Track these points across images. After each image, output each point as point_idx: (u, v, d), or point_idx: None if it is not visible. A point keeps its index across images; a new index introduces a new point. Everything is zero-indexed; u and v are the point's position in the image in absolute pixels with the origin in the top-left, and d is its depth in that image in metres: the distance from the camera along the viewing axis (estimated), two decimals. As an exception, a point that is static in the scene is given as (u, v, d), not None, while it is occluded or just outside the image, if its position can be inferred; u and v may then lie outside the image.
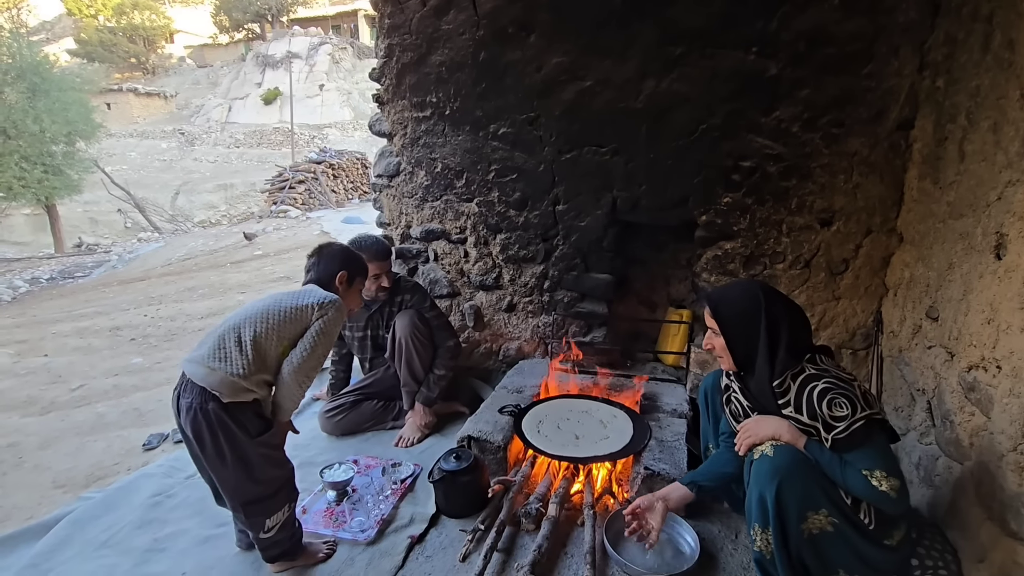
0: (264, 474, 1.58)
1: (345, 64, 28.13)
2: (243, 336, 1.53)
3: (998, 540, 1.32)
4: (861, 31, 2.03)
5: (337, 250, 1.86)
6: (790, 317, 1.46)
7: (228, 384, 1.49)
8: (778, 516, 1.35)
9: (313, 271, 1.79)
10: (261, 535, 1.61)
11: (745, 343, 1.48)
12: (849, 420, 1.31)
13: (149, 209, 16.55)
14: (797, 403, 1.40)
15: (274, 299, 1.62)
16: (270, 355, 1.57)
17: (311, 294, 1.65)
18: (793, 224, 2.33)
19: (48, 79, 13.30)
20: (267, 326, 1.55)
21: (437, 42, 2.57)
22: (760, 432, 1.45)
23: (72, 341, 5.26)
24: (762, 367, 1.45)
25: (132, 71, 33.40)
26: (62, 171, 13.57)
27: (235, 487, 1.56)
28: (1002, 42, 1.54)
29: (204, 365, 1.50)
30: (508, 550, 1.75)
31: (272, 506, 1.61)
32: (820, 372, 1.39)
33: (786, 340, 1.42)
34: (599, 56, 2.35)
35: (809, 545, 1.36)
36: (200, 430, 1.49)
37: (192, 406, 1.49)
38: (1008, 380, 1.32)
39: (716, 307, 1.54)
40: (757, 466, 1.41)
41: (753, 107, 2.23)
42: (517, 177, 2.67)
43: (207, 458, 1.53)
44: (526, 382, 2.59)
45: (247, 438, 1.53)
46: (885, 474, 1.28)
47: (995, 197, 1.49)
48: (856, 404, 1.32)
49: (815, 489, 1.35)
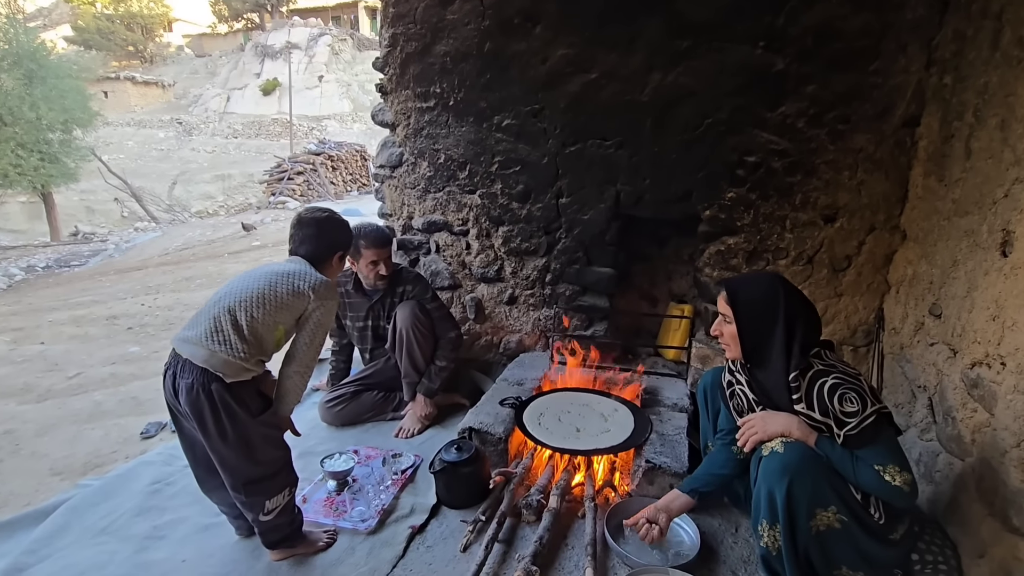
0: (265, 454, 1.59)
1: (345, 55, 27.99)
2: (239, 319, 1.52)
3: (999, 536, 1.32)
4: (869, 27, 2.02)
5: (333, 224, 1.78)
6: (807, 312, 1.46)
7: (231, 366, 1.49)
8: (788, 513, 1.35)
9: (307, 244, 1.71)
10: (261, 517, 1.61)
11: (758, 334, 1.47)
12: (860, 416, 1.31)
13: (146, 199, 16.45)
14: (808, 399, 1.39)
15: (267, 281, 1.57)
16: (267, 340, 1.57)
17: (304, 278, 1.60)
18: (797, 220, 2.32)
19: (45, 66, 13.20)
20: (263, 312, 1.54)
21: (442, 32, 2.55)
22: (768, 429, 1.44)
23: (69, 329, 5.24)
24: (777, 360, 1.44)
25: (130, 59, 33.19)
26: (58, 159, 13.48)
27: (236, 466, 1.56)
28: (1011, 39, 1.54)
29: (204, 347, 1.49)
30: (509, 541, 1.75)
31: (272, 487, 1.61)
32: (828, 368, 1.39)
33: (801, 335, 1.42)
34: (605, 49, 2.33)
35: (816, 542, 1.37)
36: (202, 410, 1.49)
37: (193, 386, 1.48)
38: (1013, 376, 1.32)
39: (735, 294, 1.52)
40: (767, 463, 1.40)
41: (759, 102, 2.22)
42: (520, 169, 2.66)
43: (208, 438, 1.52)
44: (527, 375, 2.59)
45: (248, 417, 1.53)
46: (898, 469, 1.29)
47: (1002, 194, 1.49)
48: (866, 400, 1.32)
49: (825, 486, 1.35)
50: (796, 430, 1.40)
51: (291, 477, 1.68)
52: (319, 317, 1.61)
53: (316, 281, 1.61)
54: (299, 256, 1.71)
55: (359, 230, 2.38)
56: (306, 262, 1.68)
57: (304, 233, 1.73)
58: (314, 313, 1.60)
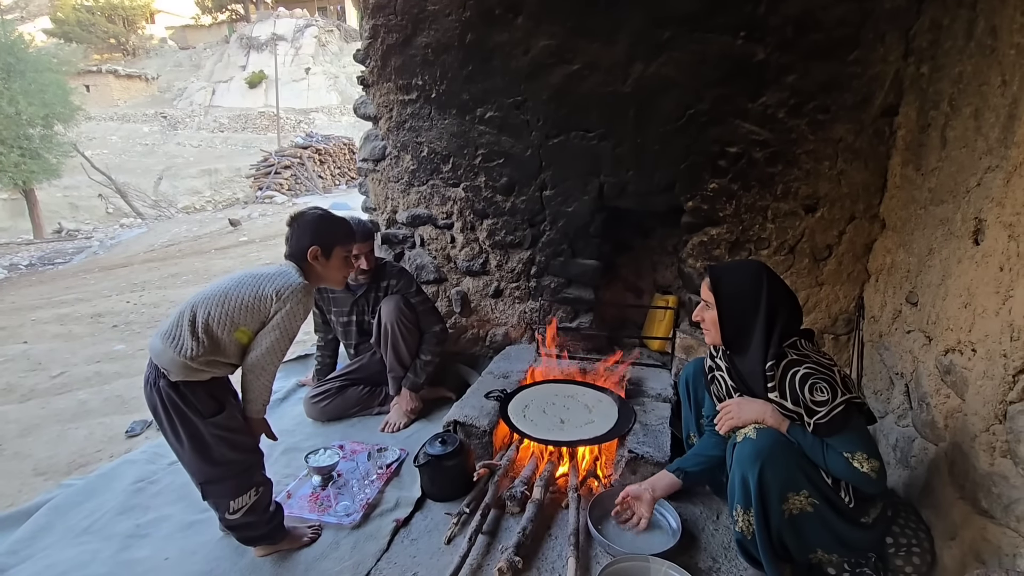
0: (222, 456, 1.55)
1: (332, 47, 27.64)
2: (197, 318, 1.49)
3: (969, 518, 1.35)
4: (848, 16, 2.03)
5: (310, 219, 1.69)
6: (789, 302, 1.49)
7: (176, 364, 1.47)
8: (760, 498, 1.38)
9: (288, 244, 1.68)
10: (227, 515, 1.61)
11: (739, 320, 1.49)
12: (830, 405, 1.34)
13: (131, 194, 16.23)
14: (781, 388, 1.42)
15: (236, 282, 1.55)
16: (223, 339, 1.51)
17: (272, 280, 1.54)
18: (778, 210, 2.34)
19: (23, 59, 12.92)
20: (221, 311, 1.50)
21: (423, 23, 2.52)
22: (743, 415, 1.47)
23: (52, 328, 5.17)
24: (755, 349, 1.47)
25: (112, 52, 32.53)
26: (40, 155, 13.23)
27: (191, 466, 1.56)
28: (985, 28, 1.55)
29: (160, 342, 1.49)
30: (493, 532, 1.77)
31: (235, 488, 1.59)
32: (801, 357, 1.41)
33: (781, 324, 1.44)
34: (587, 39, 2.32)
35: (789, 525, 1.40)
36: (155, 406, 1.51)
37: (147, 380, 1.50)
38: (983, 363, 1.34)
39: (718, 280, 1.53)
40: (740, 449, 1.43)
41: (740, 93, 2.22)
42: (504, 162, 2.65)
43: (164, 435, 1.54)
44: (512, 367, 2.59)
45: (198, 418, 1.51)
46: (865, 456, 1.32)
47: (975, 183, 1.50)
48: (836, 389, 1.35)
49: (796, 471, 1.38)
50: (769, 417, 1.42)
51: (257, 479, 1.64)
52: (279, 320, 1.54)
53: (284, 284, 1.54)
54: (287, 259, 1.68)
55: None
56: (292, 264, 1.64)
57: (288, 233, 1.69)
58: (275, 316, 1.54)
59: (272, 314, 1.53)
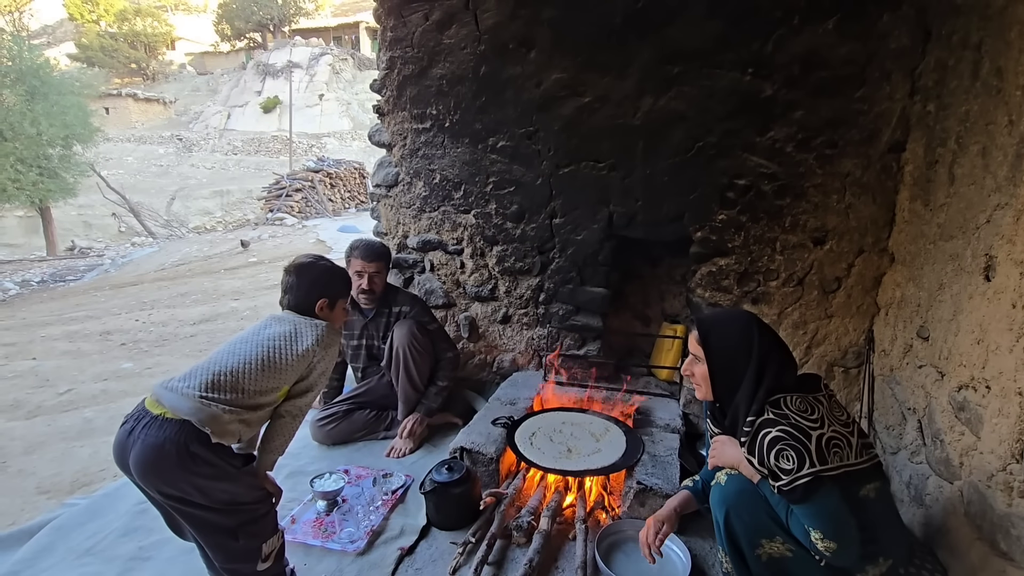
0: (253, 496, 1.49)
1: (345, 75, 28.34)
2: (246, 387, 1.44)
3: (987, 560, 1.32)
4: (854, 55, 2.08)
5: (319, 273, 1.71)
6: (779, 355, 1.41)
7: (219, 421, 1.38)
8: (730, 542, 1.40)
9: (291, 294, 1.67)
10: (260, 566, 1.50)
11: (730, 376, 1.41)
12: (793, 475, 1.25)
13: (144, 214, 16.47)
14: (751, 446, 1.35)
15: (272, 346, 1.51)
16: (265, 402, 1.50)
17: (304, 335, 1.56)
18: (787, 242, 2.35)
19: (47, 82, 13.30)
20: (262, 378, 1.47)
21: (438, 56, 2.60)
22: (722, 457, 1.47)
23: (61, 345, 5.21)
24: (741, 401, 1.39)
25: (132, 77, 33.49)
26: (57, 174, 13.51)
27: (216, 523, 1.43)
28: (990, 70, 1.58)
29: (193, 399, 1.38)
30: (499, 563, 1.74)
31: (267, 528, 1.51)
32: (778, 418, 1.31)
33: (769, 379, 1.36)
34: (598, 73, 2.39)
35: (769, 567, 1.37)
36: (176, 472, 1.35)
37: (164, 443, 1.35)
38: (997, 400, 1.33)
39: (707, 335, 1.46)
40: (713, 492, 1.45)
41: (748, 127, 2.26)
42: (515, 190, 2.70)
43: (179, 506, 1.40)
44: (520, 394, 2.58)
45: (234, 468, 1.45)
46: (820, 535, 1.26)
47: (984, 220, 1.52)
48: (804, 459, 1.24)
49: (765, 519, 1.36)
50: (744, 467, 1.39)
51: (276, 518, 1.58)
52: (324, 366, 1.60)
53: (320, 333, 1.58)
54: (288, 309, 1.67)
55: (354, 244, 2.45)
56: (294, 314, 1.64)
57: (287, 282, 1.68)
58: (319, 364, 1.58)
59: (316, 362, 1.58)
